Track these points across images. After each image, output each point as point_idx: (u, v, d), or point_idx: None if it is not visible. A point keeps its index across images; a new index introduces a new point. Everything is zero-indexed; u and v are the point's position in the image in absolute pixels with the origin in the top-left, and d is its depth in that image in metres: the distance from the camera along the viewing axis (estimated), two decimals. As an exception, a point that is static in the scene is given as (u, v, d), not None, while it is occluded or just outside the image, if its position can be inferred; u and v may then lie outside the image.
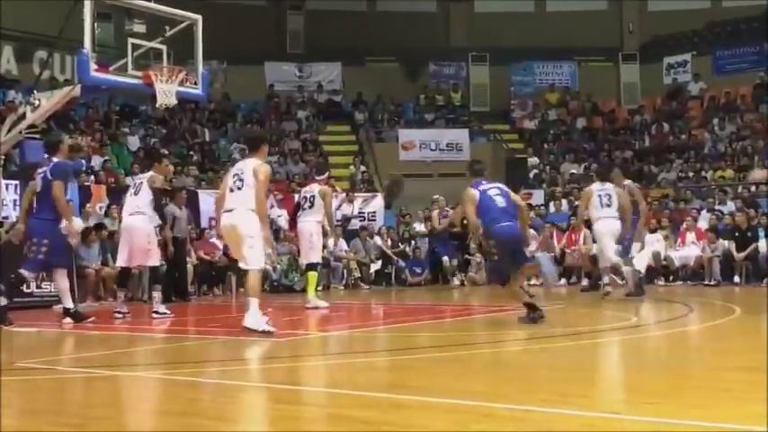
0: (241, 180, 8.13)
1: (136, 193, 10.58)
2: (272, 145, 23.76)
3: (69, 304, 9.85)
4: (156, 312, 10.39)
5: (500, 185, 9.15)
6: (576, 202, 19.37)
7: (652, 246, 16.73)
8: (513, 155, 24.92)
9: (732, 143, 23.37)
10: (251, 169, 8.13)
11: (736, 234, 16.19)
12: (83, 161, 17.49)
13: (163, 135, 21.92)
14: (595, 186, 12.39)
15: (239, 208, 8.06)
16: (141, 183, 10.70)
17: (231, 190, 8.19)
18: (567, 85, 28.66)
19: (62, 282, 9.89)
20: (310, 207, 11.78)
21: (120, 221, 11.71)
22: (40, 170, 9.80)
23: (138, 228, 10.43)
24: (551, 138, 26.00)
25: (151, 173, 10.79)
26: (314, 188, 12.01)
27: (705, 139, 24.23)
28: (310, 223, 11.76)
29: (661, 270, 16.77)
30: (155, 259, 10.65)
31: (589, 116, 27.25)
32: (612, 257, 12.07)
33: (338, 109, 27.15)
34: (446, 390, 4.85)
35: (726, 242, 16.21)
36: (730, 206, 18.28)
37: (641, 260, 13.54)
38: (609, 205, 12.01)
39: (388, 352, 7.17)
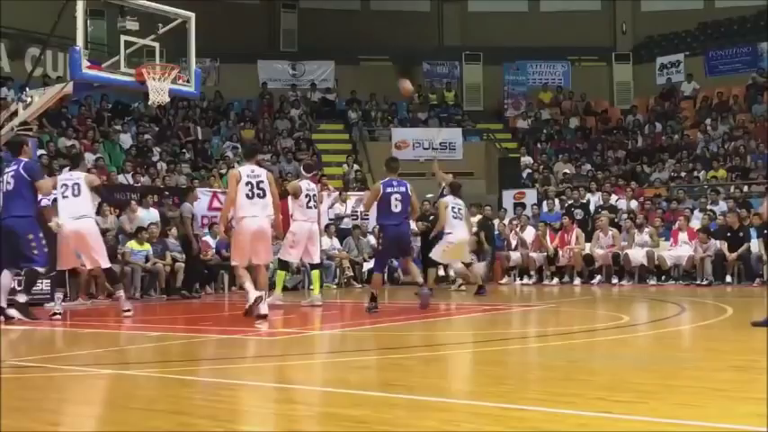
0: (261, 189, 9.50)
1: (75, 195, 10.27)
2: (265, 143, 23.76)
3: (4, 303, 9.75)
4: (126, 311, 10.32)
5: (404, 190, 10.35)
6: (570, 202, 19.43)
7: (644, 245, 16.81)
8: (506, 154, 24.92)
9: (725, 143, 23.43)
10: (266, 178, 9.64)
11: (729, 234, 16.23)
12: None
13: (155, 133, 21.87)
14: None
15: (262, 214, 9.58)
16: (77, 184, 10.33)
17: (250, 196, 9.49)
18: (561, 84, 28.67)
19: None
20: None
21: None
22: (8, 170, 9.87)
23: (91, 230, 10.33)
24: (544, 137, 26.02)
25: (84, 173, 10.68)
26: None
27: (698, 139, 24.28)
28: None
29: (653, 270, 16.81)
30: (107, 260, 10.58)
31: (582, 116, 27.28)
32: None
33: (331, 108, 27.13)
34: (438, 389, 4.85)
35: (718, 242, 16.25)
36: (722, 206, 18.32)
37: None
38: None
39: (381, 351, 7.18)
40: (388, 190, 10.32)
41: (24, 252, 9.74)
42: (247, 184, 9.47)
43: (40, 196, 10.30)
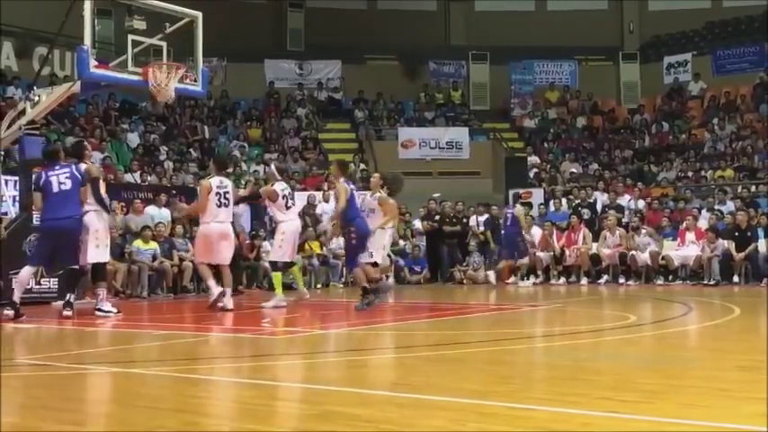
0: (227, 199, 11.00)
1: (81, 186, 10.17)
2: (272, 143, 23.80)
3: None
4: (100, 310, 10.20)
5: (354, 187, 11.38)
6: (577, 201, 19.40)
7: (646, 246, 16.78)
8: (512, 154, 24.91)
9: (732, 143, 23.37)
10: (231, 189, 11.24)
11: (736, 234, 16.19)
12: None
13: (162, 132, 21.91)
14: None
15: (227, 219, 11.12)
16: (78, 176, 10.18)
17: (218, 205, 10.86)
18: (567, 84, 28.62)
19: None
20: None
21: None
22: (60, 171, 10.00)
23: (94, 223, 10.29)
24: (551, 137, 25.98)
25: (85, 165, 10.57)
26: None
27: (705, 138, 24.22)
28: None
29: (660, 269, 16.78)
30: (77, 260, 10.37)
31: (589, 115, 27.23)
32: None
33: (338, 107, 27.15)
34: (444, 388, 4.85)
35: (725, 242, 16.21)
36: (730, 206, 18.27)
37: None
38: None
39: (387, 350, 7.18)
40: (351, 187, 11.29)
41: (73, 251, 10.00)
42: (216, 194, 10.87)
43: None
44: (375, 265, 12.33)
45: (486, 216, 18.88)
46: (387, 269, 14.28)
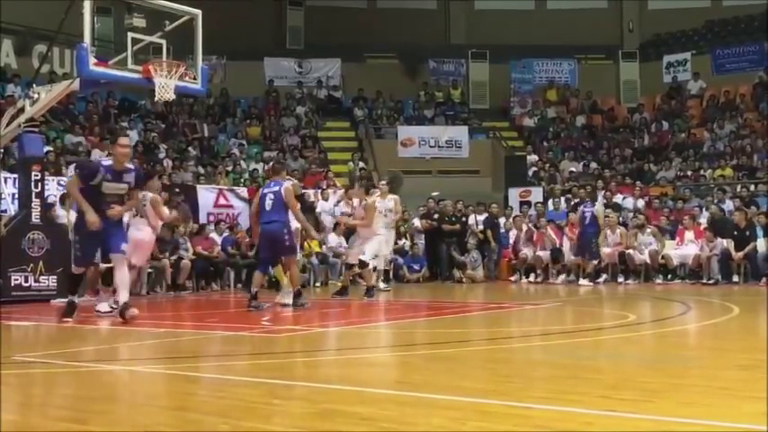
0: None
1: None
2: (271, 141, 23.79)
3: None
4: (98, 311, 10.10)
5: (277, 190, 10.62)
6: (575, 200, 19.40)
7: (648, 246, 16.78)
8: (512, 152, 24.93)
9: (731, 142, 23.38)
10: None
11: (735, 233, 16.19)
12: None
13: (161, 130, 21.90)
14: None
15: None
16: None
17: None
18: (567, 82, 28.65)
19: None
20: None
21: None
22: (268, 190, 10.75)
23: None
24: (550, 135, 26.00)
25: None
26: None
27: (704, 137, 24.24)
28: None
29: (659, 269, 16.78)
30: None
31: (588, 114, 27.24)
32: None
33: (338, 105, 27.15)
34: (445, 386, 4.85)
35: (724, 241, 16.21)
36: (729, 205, 18.28)
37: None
38: None
39: (387, 348, 7.17)
40: (266, 190, 10.89)
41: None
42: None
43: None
44: (363, 265, 12.36)
45: (485, 215, 18.88)
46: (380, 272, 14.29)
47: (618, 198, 19.82)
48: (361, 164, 23.22)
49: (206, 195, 18.00)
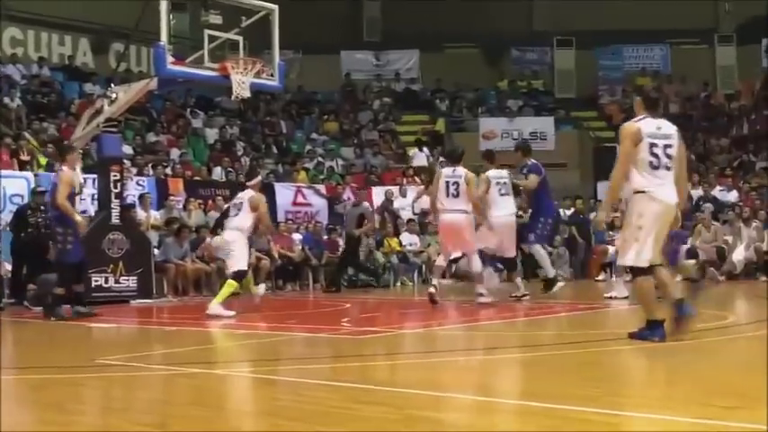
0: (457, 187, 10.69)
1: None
2: (349, 136, 23.93)
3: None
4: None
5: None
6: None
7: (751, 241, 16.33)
8: (600, 143, 24.56)
9: (838, 129, 22.57)
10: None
11: None
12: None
13: (239, 127, 22.23)
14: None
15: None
16: None
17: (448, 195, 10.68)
18: (659, 69, 28.07)
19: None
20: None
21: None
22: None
23: None
24: (642, 125, 25.45)
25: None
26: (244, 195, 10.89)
27: (808, 125, 23.44)
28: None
29: (759, 265, 16.32)
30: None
31: (682, 102, 26.63)
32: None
33: (416, 98, 27.16)
34: (532, 392, 4.82)
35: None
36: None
37: None
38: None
39: (469, 351, 7.16)
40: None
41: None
42: (452, 183, 10.78)
43: None
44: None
45: (572, 210, 18.64)
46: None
47: (716, 191, 19.31)
48: (441, 158, 23.15)
49: (284, 193, 18.22)
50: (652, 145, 6.68)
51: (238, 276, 10.45)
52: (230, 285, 10.38)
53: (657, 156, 6.68)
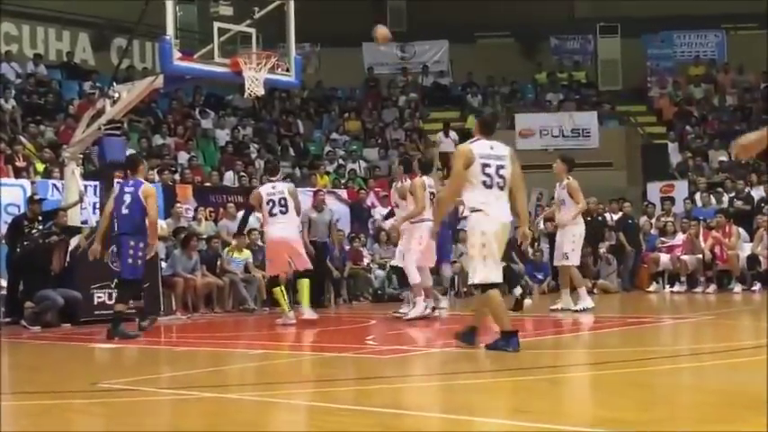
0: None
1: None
2: (372, 136, 23.95)
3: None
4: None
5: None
6: (731, 194, 18.80)
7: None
8: (650, 140, 24.44)
9: None
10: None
11: None
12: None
13: (253, 128, 22.31)
14: None
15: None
16: None
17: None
18: (714, 57, 27.92)
19: None
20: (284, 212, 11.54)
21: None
22: None
23: None
24: (695, 120, 25.35)
25: None
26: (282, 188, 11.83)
27: None
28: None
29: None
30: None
31: (740, 93, 26.45)
32: None
33: (445, 93, 27.15)
34: (573, 415, 4.80)
35: None
36: None
37: None
38: None
39: (505, 372, 7.12)
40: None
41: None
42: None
43: None
44: None
45: (619, 214, 18.51)
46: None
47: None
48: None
49: (302, 199, 18.21)
50: (485, 165, 7.74)
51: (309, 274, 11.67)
52: (306, 285, 11.58)
53: (490, 176, 7.74)
